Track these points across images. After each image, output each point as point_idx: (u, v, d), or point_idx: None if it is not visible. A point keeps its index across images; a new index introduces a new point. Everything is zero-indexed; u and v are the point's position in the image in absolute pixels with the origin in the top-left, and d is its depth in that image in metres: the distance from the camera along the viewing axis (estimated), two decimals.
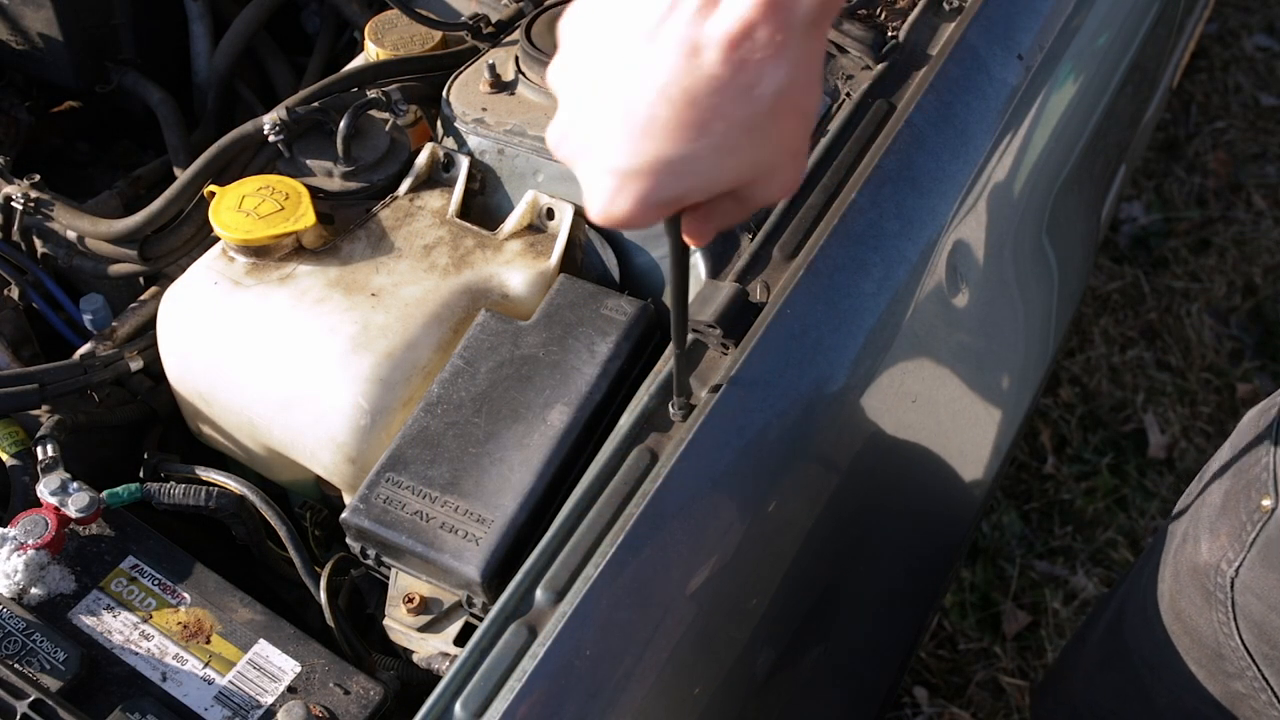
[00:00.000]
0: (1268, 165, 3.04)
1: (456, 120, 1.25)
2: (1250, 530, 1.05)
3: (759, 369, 1.03)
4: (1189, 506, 1.19)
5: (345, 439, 1.09)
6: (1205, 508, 1.14)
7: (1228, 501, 1.09)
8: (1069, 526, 2.33)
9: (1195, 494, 1.19)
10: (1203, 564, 1.11)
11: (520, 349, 1.09)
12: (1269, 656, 1.07)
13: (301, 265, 1.16)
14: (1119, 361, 2.62)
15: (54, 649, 0.97)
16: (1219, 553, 1.09)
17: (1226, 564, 1.08)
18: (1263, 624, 1.06)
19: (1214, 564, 1.09)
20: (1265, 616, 1.05)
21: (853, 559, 1.26)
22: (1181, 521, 1.19)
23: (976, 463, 1.46)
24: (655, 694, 0.95)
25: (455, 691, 0.87)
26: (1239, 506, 1.07)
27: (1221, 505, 1.10)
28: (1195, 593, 1.13)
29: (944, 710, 2.09)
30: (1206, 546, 1.11)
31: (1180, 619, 1.17)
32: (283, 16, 1.68)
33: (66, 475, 1.07)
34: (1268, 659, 1.07)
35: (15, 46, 1.57)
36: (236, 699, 0.98)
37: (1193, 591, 1.13)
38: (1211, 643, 1.13)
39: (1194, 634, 1.15)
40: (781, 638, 1.13)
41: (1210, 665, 1.15)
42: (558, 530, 0.94)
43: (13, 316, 1.31)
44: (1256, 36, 3.36)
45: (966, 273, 1.29)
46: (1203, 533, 1.12)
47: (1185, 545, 1.16)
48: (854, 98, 1.24)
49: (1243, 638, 1.08)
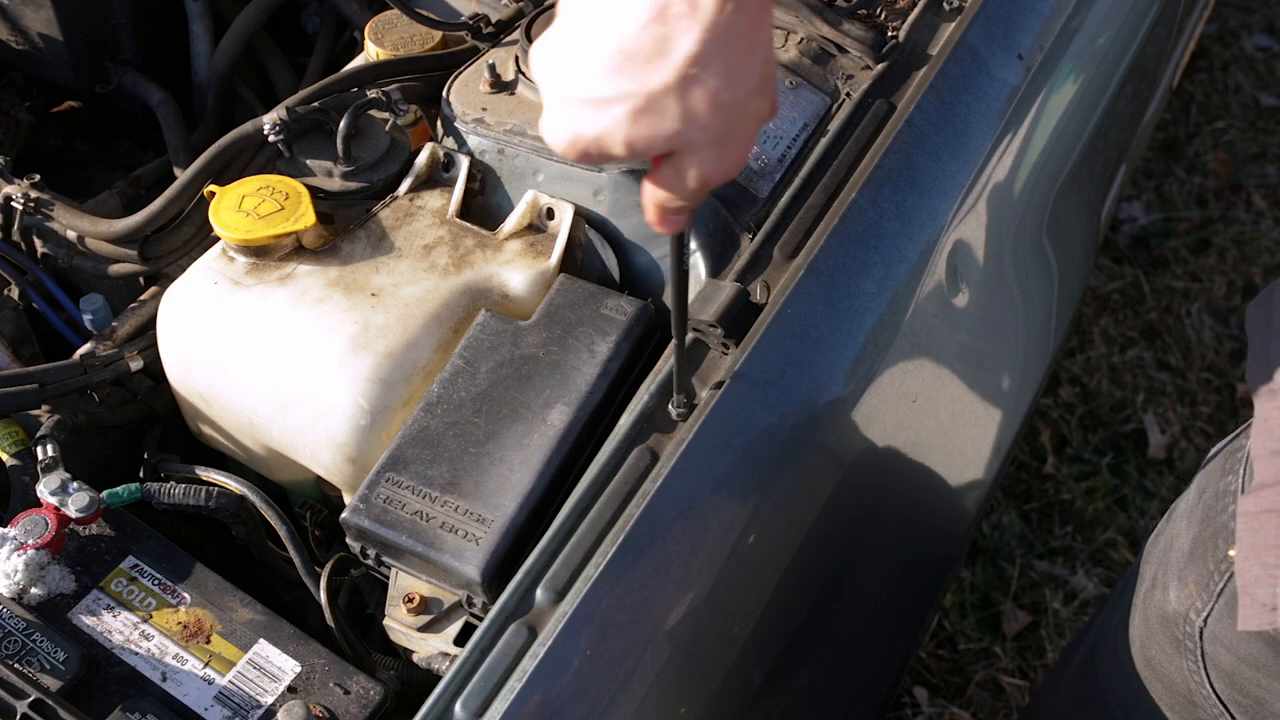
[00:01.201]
0: (1268, 165, 3.04)
1: (456, 120, 1.25)
2: (1218, 580, 1.03)
3: (759, 368, 1.03)
4: (1158, 546, 1.17)
5: (345, 439, 1.09)
6: (1174, 553, 1.12)
7: (1195, 548, 1.07)
8: (1069, 526, 2.33)
9: (1162, 534, 1.17)
10: (1171, 612, 1.09)
11: (520, 349, 1.09)
12: (1242, 704, 1.05)
13: (301, 265, 1.16)
14: (1119, 361, 2.62)
15: (54, 649, 0.97)
16: (1187, 602, 1.07)
17: (1195, 613, 1.05)
18: (1233, 674, 1.04)
19: (1183, 613, 1.07)
20: (1235, 667, 1.03)
21: (853, 559, 1.26)
22: (1151, 563, 1.17)
23: (976, 463, 1.45)
24: (655, 694, 0.95)
25: (455, 691, 0.87)
26: (1206, 555, 1.05)
27: (1189, 552, 1.08)
28: (1165, 640, 1.11)
29: (944, 710, 2.09)
30: (1175, 595, 1.08)
31: (1151, 665, 1.15)
32: (283, 16, 1.68)
33: (66, 475, 1.07)
34: (1241, 707, 1.05)
35: (15, 46, 1.57)
36: (236, 699, 0.98)
37: (1162, 639, 1.12)
38: (1184, 689, 1.11)
39: (1165, 681, 1.14)
40: (781, 638, 1.13)
41: (1183, 711, 1.13)
42: (558, 530, 0.94)
43: (13, 316, 1.31)
44: (1256, 36, 3.36)
45: (966, 273, 1.29)
46: (1171, 579, 1.10)
47: (1154, 591, 1.14)
48: (854, 98, 1.24)
49: (1214, 687, 1.06)
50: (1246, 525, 0.98)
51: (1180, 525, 1.13)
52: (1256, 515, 0.97)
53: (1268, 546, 0.95)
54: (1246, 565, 0.96)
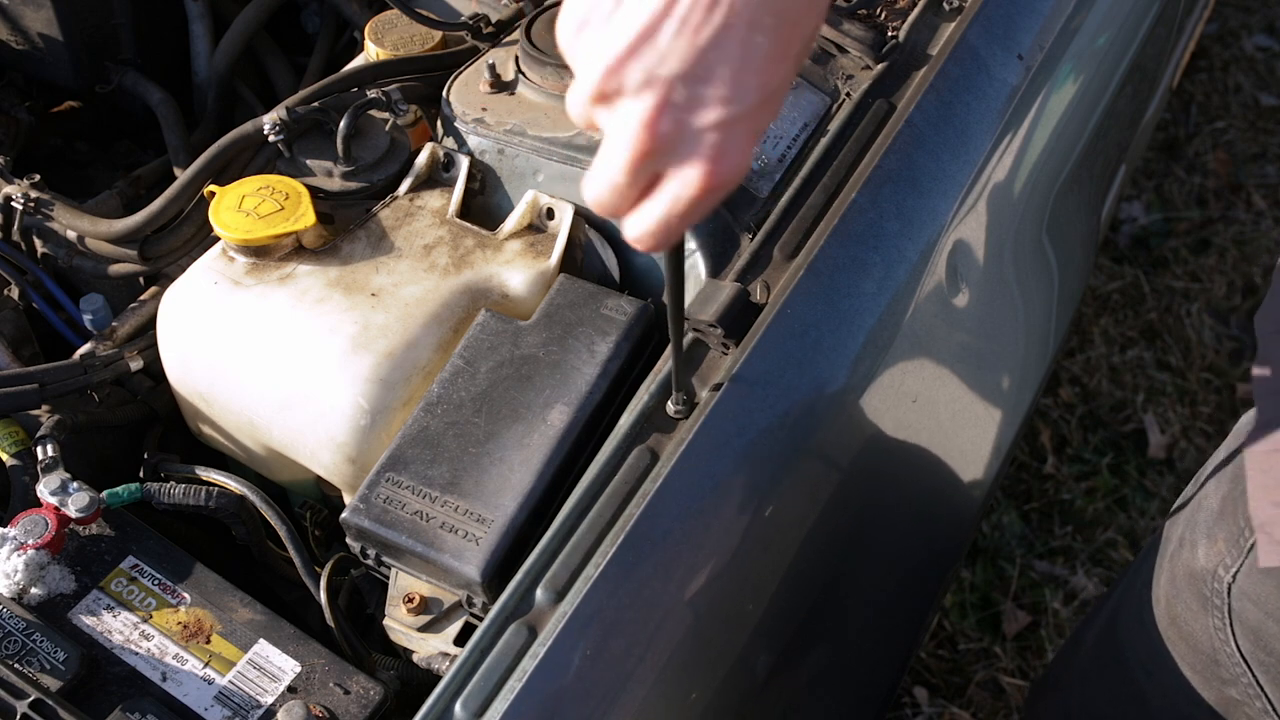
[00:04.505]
0: (1268, 165, 3.03)
1: (456, 120, 1.25)
2: (1249, 536, 1.04)
3: (759, 368, 1.03)
4: (1185, 509, 1.18)
5: (345, 439, 1.09)
6: (1202, 512, 1.13)
7: (1225, 506, 1.08)
8: (1069, 526, 2.33)
9: (1191, 496, 1.18)
10: (1199, 569, 1.10)
11: (520, 349, 1.09)
12: (1264, 663, 1.06)
13: (301, 265, 1.16)
14: (1119, 361, 2.62)
15: (54, 649, 0.97)
16: (1216, 558, 1.08)
17: (1224, 570, 1.07)
18: (1259, 630, 1.05)
19: (1211, 569, 1.08)
20: (1262, 623, 1.04)
21: (853, 559, 1.26)
22: (1178, 525, 1.18)
23: (976, 463, 1.45)
24: (655, 694, 0.95)
25: (455, 691, 0.87)
26: (1236, 512, 1.06)
27: (1219, 510, 1.09)
28: (1191, 598, 1.12)
29: (944, 710, 2.09)
30: (1204, 552, 1.10)
31: (1176, 624, 1.16)
32: (283, 16, 1.68)
33: (66, 475, 1.07)
34: (1263, 665, 1.07)
35: (15, 46, 1.57)
36: (236, 699, 0.98)
37: (1189, 596, 1.13)
38: (1207, 648, 1.12)
39: (1189, 639, 1.15)
40: (781, 638, 1.13)
41: (1205, 671, 1.14)
42: (558, 530, 0.94)
43: (13, 316, 1.31)
44: (1256, 36, 3.36)
45: (966, 273, 1.29)
46: (1200, 538, 1.11)
47: (1182, 550, 1.15)
48: (854, 98, 1.24)
49: (1238, 644, 1.08)
50: (1255, 465, 0.99)
51: (1209, 486, 1.13)
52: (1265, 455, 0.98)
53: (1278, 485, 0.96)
54: (1260, 505, 0.96)
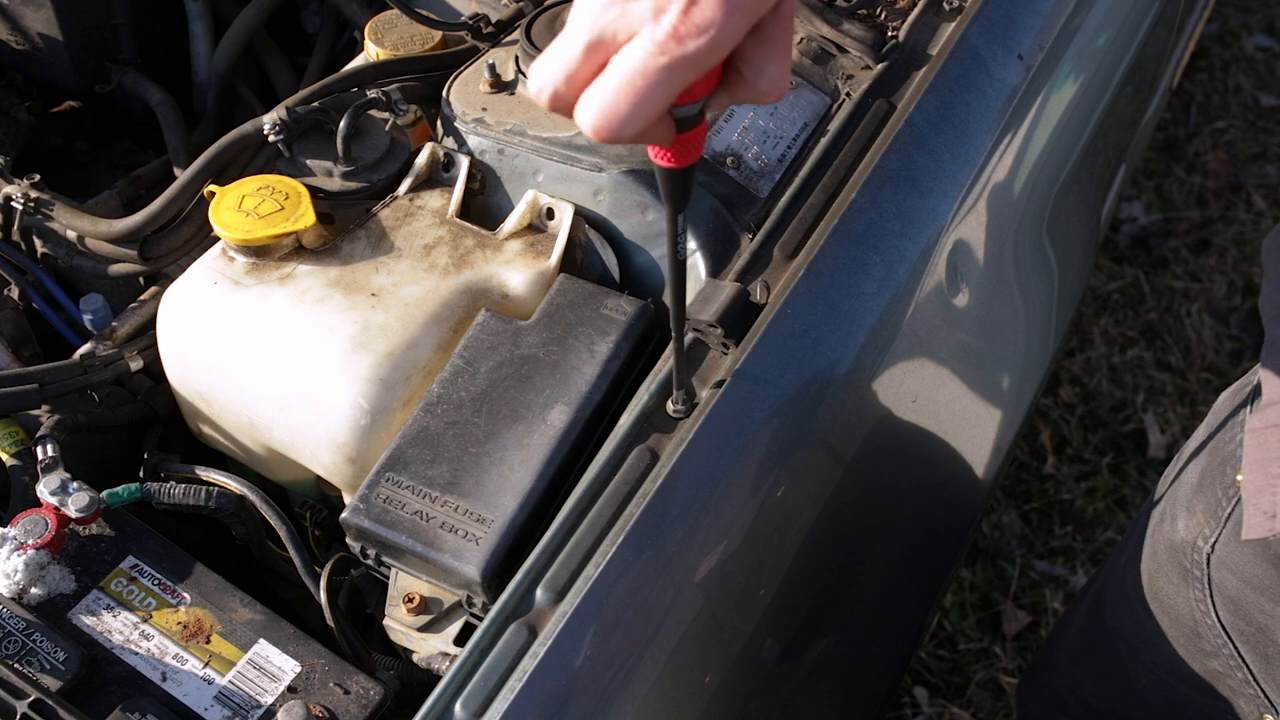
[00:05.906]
0: (1268, 165, 3.04)
1: (456, 120, 1.25)
2: (1225, 506, 1.06)
3: (759, 368, 1.03)
4: (1167, 488, 1.20)
5: (345, 439, 1.09)
6: (1182, 487, 1.15)
7: (1203, 480, 1.10)
8: (1069, 526, 2.33)
9: (1173, 476, 1.20)
10: (1179, 541, 1.12)
11: (520, 349, 1.09)
12: (1244, 633, 1.08)
13: (301, 265, 1.16)
14: (1119, 361, 2.62)
15: (54, 649, 0.97)
16: (1195, 529, 1.10)
17: (1203, 540, 1.08)
18: (1238, 599, 1.06)
19: (1190, 541, 1.10)
20: (1240, 592, 1.05)
21: (852, 559, 1.26)
22: (1160, 503, 1.20)
23: (977, 463, 1.46)
24: (655, 694, 0.95)
25: (455, 691, 0.87)
26: (1214, 483, 1.08)
27: (1198, 483, 1.11)
28: (1173, 571, 1.14)
29: (944, 710, 2.09)
30: (1183, 524, 1.11)
31: (1159, 598, 1.18)
32: (283, 16, 1.68)
33: (66, 475, 1.07)
34: (1243, 635, 1.08)
35: (15, 46, 1.57)
36: (236, 699, 0.98)
37: (1170, 570, 1.14)
38: (1189, 621, 1.13)
39: (1172, 613, 1.16)
40: (780, 639, 1.14)
41: (1188, 644, 1.16)
42: (558, 530, 0.94)
43: (13, 316, 1.31)
44: (1256, 36, 3.37)
45: (966, 273, 1.29)
46: (1179, 511, 1.13)
47: (1162, 524, 1.17)
48: (854, 98, 1.24)
49: (1219, 615, 1.09)
50: (1253, 440, 1.01)
51: (1189, 462, 1.15)
52: (1263, 431, 1.00)
53: (1272, 459, 0.98)
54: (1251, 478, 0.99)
